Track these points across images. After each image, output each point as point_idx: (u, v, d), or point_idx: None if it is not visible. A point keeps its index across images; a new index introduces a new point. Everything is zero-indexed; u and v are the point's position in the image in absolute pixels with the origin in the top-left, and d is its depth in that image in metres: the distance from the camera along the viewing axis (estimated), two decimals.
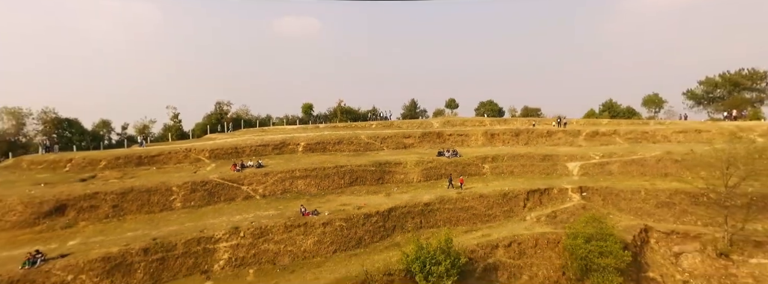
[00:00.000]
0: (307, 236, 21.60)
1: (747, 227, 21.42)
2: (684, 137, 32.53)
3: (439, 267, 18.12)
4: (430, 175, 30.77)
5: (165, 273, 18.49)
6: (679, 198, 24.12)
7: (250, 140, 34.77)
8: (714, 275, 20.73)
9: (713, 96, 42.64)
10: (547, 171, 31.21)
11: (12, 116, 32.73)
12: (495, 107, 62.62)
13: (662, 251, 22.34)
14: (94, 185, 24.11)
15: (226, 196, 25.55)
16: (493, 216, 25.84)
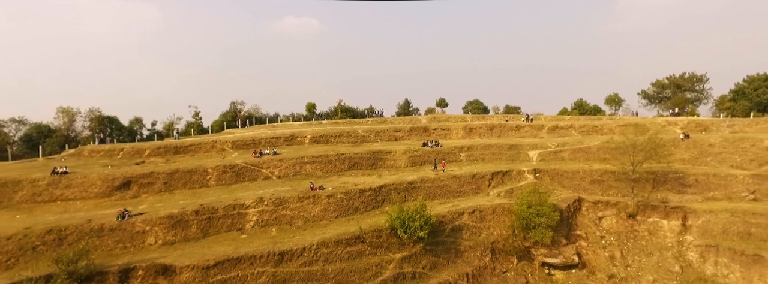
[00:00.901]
0: (315, 205, 27.92)
1: (650, 196, 27.87)
2: (625, 130, 38.94)
3: (414, 223, 24.45)
4: (415, 162, 37.17)
5: (211, 228, 24.81)
6: (607, 177, 30.56)
7: (264, 134, 41.20)
8: (623, 231, 27.20)
9: (662, 95, 49.18)
10: (512, 157, 37.64)
11: (66, 114, 39.00)
12: (480, 105, 69.35)
13: (589, 215, 28.78)
14: (147, 167, 30.48)
15: (250, 177, 31.93)
16: (463, 192, 32.22)
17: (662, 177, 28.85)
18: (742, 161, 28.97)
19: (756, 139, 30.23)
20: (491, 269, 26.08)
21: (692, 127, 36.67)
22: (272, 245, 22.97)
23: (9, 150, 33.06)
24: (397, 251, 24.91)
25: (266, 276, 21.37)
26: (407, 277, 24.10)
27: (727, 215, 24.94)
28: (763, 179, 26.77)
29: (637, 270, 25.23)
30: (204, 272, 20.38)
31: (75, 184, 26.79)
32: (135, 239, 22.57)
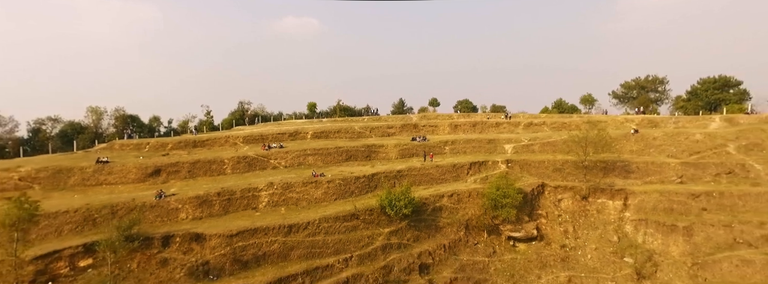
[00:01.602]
0: (317, 189, 32.87)
1: (600, 181, 32.96)
2: (589, 126, 44.03)
3: (400, 202, 29.43)
4: (405, 154, 42.14)
5: (231, 207, 29.73)
6: (567, 166, 35.58)
7: (271, 130, 46.15)
8: (576, 210, 32.29)
9: (629, 95, 54.31)
10: (489, 150, 42.63)
11: (94, 113, 43.87)
12: (469, 104, 74.26)
13: (550, 198, 33.83)
14: (173, 158, 35.40)
15: (260, 166, 36.88)
16: (445, 179, 37.20)
17: (612, 165, 33.94)
18: (676, 151, 34.07)
19: (690, 133, 35.37)
20: (465, 241, 31.12)
21: (645, 123, 41.81)
22: (282, 220, 27.94)
23: (49, 145, 37.87)
24: (386, 226, 29.90)
25: (278, 244, 26.35)
26: (394, 247, 29.11)
27: (657, 195, 30.05)
28: (689, 166, 31.88)
29: (584, 240, 30.34)
30: (228, 239, 25.34)
31: (115, 171, 31.74)
32: (170, 214, 27.52)
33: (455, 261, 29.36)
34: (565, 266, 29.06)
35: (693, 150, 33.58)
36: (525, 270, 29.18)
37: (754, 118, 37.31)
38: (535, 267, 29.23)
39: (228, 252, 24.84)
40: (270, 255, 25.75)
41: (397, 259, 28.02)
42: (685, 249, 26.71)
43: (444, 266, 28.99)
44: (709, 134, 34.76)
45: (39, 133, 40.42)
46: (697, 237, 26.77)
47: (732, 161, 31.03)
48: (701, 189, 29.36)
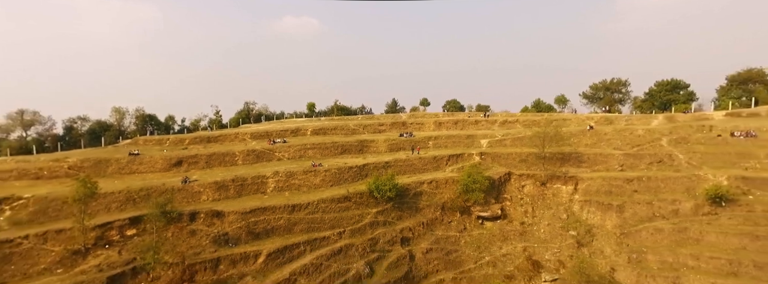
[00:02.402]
0: (315, 177, 38.50)
1: (557, 170, 38.73)
2: (556, 123, 49.85)
3: (385, 187, 35.12)
4: (393, 148, 47.79)
5: (243, 191, 35.33)
6: (531, 157, 41.28)
7: (275, 127, 51.78)
8: (536, 194, 38.05)
9: (597, 96, 60.12)
10: (467, 144, 48.32)
11: (117, 113, 49.39)
12: (457, 104, 79.93)
13: (515, 184, 39.57)
14: (191, 151, 41.02)
15: (266, 158, 42.52)
16: (426, 169, 42.87)
17: (568, 156, 39.72)
18: (621, 144, 39.84)
19: (635, 129, 41.18)
20: (440, 220, 36.84)
21: (602, 121, 47.63)
22: (286, 201, 33.57)
23: (82, 141, 43.38)
24: (373, 207, 35.56)
25: (283, 220, 32.01)
26: (380, 224, 34.78)
27: (601, 180, 35.83)
28: (630, 156, 37.66)
29: (540, 218, 36.11)
30: (243, 215, 30.97)
31: (145, 162, 37.36)
32: (194, 196, 33.14)
33: (431, 236, 35.11)
34: (522, 239, 34.86)
35: (634, 144, 39.39)
36: (489, 242, 34.96)
37: (688, 117, 43.16)
38: (498, 240, 35.01)
39: (243, 226, 30.47)
40: (277, 228, 31.40)
41: (382, 233, 33.73)
42: (616, 222, 32.50)
43: (422, 239, 34.73)
44: (649, 130, 40.59)
45: (72, 130, 45.91)
46: (626, 213, 32.57)
47: (663, 152, 36.85)
48: (635, 175, 35.16)
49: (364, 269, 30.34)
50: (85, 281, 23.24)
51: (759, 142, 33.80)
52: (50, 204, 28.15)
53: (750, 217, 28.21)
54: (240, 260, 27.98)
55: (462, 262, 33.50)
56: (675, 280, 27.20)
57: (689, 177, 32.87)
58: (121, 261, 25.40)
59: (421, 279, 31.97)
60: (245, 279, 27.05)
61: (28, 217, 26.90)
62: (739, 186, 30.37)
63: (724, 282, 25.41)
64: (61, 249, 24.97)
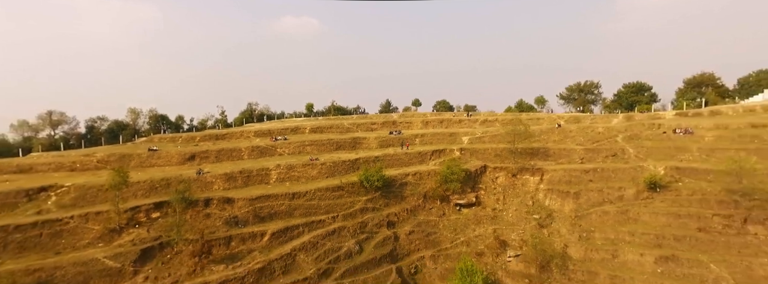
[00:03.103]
0: (313, 169, 43.47)
1: (527, 163, 43.81)
2: (531, 122, 55.03)
3: (373, 177, 40.12)
4: (383, 144, 52.79)
5: (250, 181, 40.25)
6: (504, 152, 46.34)
7: (276, 126, 56.70)
8: (507, 184, 43.14)
9: (572, 97, 65.30)
10: (450, 141, 53.33)
11: (133, 113, 54.21)
12: (446, 104, 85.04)
13: (489, 176, 44.63)
14: (202, 147, 45.92)
15: (269, 153, 47.45)
16: (412, 163, 47.86)
17: (537, 151, 44.82)
18: (583, 141, 44.97)
19: (596, 127, 46.31)
20: (422, 207, 41.87)
21: (571, 120, 52.77)
22: (287, 190, 38.52)
23: (102, 139, 48.24)
24: (363, 195, 40.51)
25: (285, 206, 36.95)
26: (369, 210, 39.76)
27: (563, 172, 40.94)
28: (589, 151, 42.77)
29: (509, 205, 41.21)
30: (250, 201, 35.88)
31: (163, 157, 42.29)
32: (207, 185, 38.06)
33: (414, 220, 40.16)
34: (493, 222, 39.95)
35: (594, 140, 44.52)
36: (464, 225, 40.04)
37: (644, 116, 48.32)
38: (472, 224, 40.10)
39: (250, 210, 35.40)
40: (279, 213, 36.36)
41: (371, 218, 38.74)
42: (572, 207, 37.60)
43: (406, 223, 39.77)
44: (609, 128, 45.73)
45: (93, 129, 50.71)
46: (581, 199, 37.67)
47: (617, 147, 41.97)
48: (592, 167, 40.27)
49: (354, 247, 35.35)
50: (122, 252, 28.19)
51: (694, 138, 38.98)
52: (88, 191, 33.07)
53: (677, 200, 33.37)
54: (248, 238, 32.91)
55: (440, 242, 38.58)
56: (613, 252, 32.36)
57: (635, 168, 38.02)
58: (149, 238, 30.33)
59: (404, 257, 37.03)
60: (253, 254, 32.00)
61: (71, 202, 31.83)
62: (672, 175, 35.53)
63: (649, 252, 30.59)
64: (101, 228, 29.89)
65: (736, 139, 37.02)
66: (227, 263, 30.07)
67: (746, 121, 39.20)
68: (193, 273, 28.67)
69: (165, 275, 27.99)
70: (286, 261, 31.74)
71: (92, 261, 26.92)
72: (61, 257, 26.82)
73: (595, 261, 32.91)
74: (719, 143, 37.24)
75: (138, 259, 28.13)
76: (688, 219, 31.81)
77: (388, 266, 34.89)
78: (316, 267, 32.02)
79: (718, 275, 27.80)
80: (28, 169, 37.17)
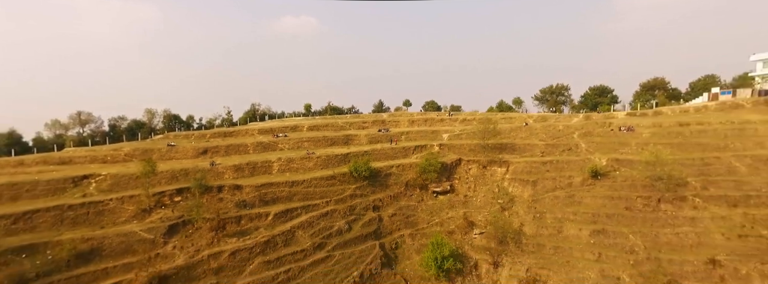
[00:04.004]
0: (309, 162, 49.82)
1: (496, 156, 50.18)
2: (504, 121, 61.46)
3: (362, 168, 46.51)
4: (372, 141, 59.15)
5: (255, 172, 46.59)
6: (477, 147, 52.74)
7: (277, 125, 63.01)
8: (478, 175, 49.58)
9: (545, 98, 71.74)
10: (432, 138, 59.69)
11: (149, 113, 60.46)
12: (434, 105, 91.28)
13: (464, 167, 51.02)
14: (213, 143, 52.23)
15: (271, 148, 53.82)
16: (396, 156, 54.19)
17: (505, 146, 51.22)
18: (545, 137, 51.41)
19: (558, 125, 52.75)
20: (404, 193, 48.25)
21: (539, 119, 59.19)
22: (287, 179, 44.84)
23: (124, 136, 54.52)
24: (353, 183, 46.84)
25: (285, 192, 43.26)
26: (357, 196, 46.10)
27: (525, 163, 47.36)
28: (549, 146, 49.17)
29: (479, 192, 47.64)
30: (256, 188, 42.21)
31: (179, 151, 48.62)
32: (219, 175, 44.39)
33: (396, 204, 46.58)
34: (463, 206, 46.39)
35: (554, 136, 50.99)
36: (439, 209, 46.48)
37: (600, 116, 54.74)
38: (446, 208, 46.55)
39: (256, 195, 41.74)
40: (281, 197, 42.72)
41: (359, 202, 45.13)
42: (530, 193, 44.03)
43: (389, 207, 46.17)
44: (568, 126, 52.18)
45: (115, 127, 56.91)
46: (538, 186, 44.12)
47: (572, 142, 48.42)
48: (549, 159, 46.71)
49: (344, 226, 41.76)
50: (154, 227, 34.55)
51: (634, 134, 45.46)
52: (121, 179, 39.39)
53: (612, 185, 39.86)
54: (255, 218, 39.28)
55: (418, 223, 45.03)
56: (559, 229, 38.86)
57: (584, 160, 44.48)
58: (174, 216, 36.68)
59: (386, 235, 43.47)
60: (259, 230, 38.38)
61: (108, 187, 38.16)
62: (612, 165, 42.01)
63: (586, 227, 37.11)
64: (134, 208, 36.23)
65: (665, 135, 43.51)
66: (238, 237, 36.44)
67: (677, 120, 45.69)
68: (211, 244, 35.06)
69: (189, 245, 34.37)
70: (287, 236, 38.15)
71: (131, 233, 33.30)
72: (105, 230, 33.19)
73: (543, 236, 39.43)
74: (653, 138, 43.72)
75: (166, 232, 34.50)
76: (618, 200, 38.32)
77: (372, 242, 41.33)
78: (312, 242, 38.43)
79: (634, 242, 34.34)
80: (68, 161, 43.47)
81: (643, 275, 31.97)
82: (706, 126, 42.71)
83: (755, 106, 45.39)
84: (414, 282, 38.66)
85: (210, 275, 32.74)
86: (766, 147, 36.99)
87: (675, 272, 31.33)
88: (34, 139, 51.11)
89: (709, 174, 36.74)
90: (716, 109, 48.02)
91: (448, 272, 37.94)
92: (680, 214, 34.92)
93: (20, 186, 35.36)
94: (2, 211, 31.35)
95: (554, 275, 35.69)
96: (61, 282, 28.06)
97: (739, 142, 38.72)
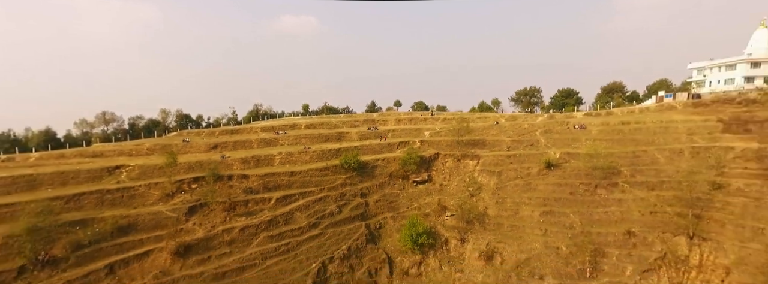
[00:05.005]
0: (306, 155, 56.70)
1: (469, 151, 57.17)
2: (480, 120, 68.47)
3: (351, 160, 53.42)
4: (362, 138, 66.05)
5: (259, 164, 53.43)
6: (452, 142, 59.78)
7: (278, 123, 69.92)
8: (453, 166, 56.60)
9: (519, 100, 78.78)
10: (414, 135, 66.61)
11: (163, 113, 67.21)
12: (423, 105, 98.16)
13: (441, 160, 57.98)
14: (221, 139, 59.11)
15: (273, 144, 60.72)
16: (382, 151, 61.09)
17: (477, 142, 58.19)
18: (512, 134, 58.44)
19: (523, 124, 59.80)
20: (388, 183, 55.19)
21: (510, 118, 66.26)
22: (287, 169, 51.73)
23: (142, 133, 61.41)
24: (343, 174, 53.72)
25: (285, 180, 50.18)
26: (347, 184, 53.01)
27: (493, 157, 54.40)
28: (515, 142, 56.16)
29: (453, 182, 54.66)
30: (261, 177, 49.08)
31: (193, 146, 55.50)
32: (229, 166, 51.27)
33: (381, 192, 53.56)
34: (439, 193, 53.42)
35: (520, 133, 58.07)
36: (418, 196, 53.50)
37: (562, 116, 61.81)
38: (424, 195, 53.59)
39: (261, 183, 48.63)
40: (281, 185, 49.62)
41: (348, 190, 52.07)
42: (495, 182, 51.08)
43: (375, 194, 53.15)
44: (533, 124, 59.24)
45: (134, 126, 63.71)
46: (502, 176, 51.16)
47: (534, 139, 55.48)
48: (514, 153, 53.77)
49: (335, 209, 48.72)
50: (176, 208, 41.46)
51: (585, 132, 52.56)
52: (146, 169, 46.27)
53: (563, 175, 46.96)
54: (260, 201, 46.18)
55: (399, 207, 52.05)
56: (516, 211, 45.97)
57: (542, 153, 51.55)
58: (192, 200, 43.58)
59: (371, 217, 50.47)
60: (263, 211, 45.33)
61: (137, 176, 45.04)
62: (564, 158, 49.11)
63: (538, 209, 44.23)
64: (160, 193, 43.13)
65: (609, 132, 50.63)
66: (246, 216, 43.42)
67: (621, 120, 52.84)
68: (224, 222, 42.03)
69: (206, 222, 41.35)
70: (287, 217, 45.14)
71: (158, 212, 40.26)
72: (138, 210, 40.12)
73: (503, 217, 46.53)
74: (600, 135, 50.83)
75: (187, 212, 41.43)
76: (565, 186, 45.45)
77: (359, 223, 48.32)
78: (308, 221, 45.41)
79: (573, 220, 41.47)
80: (100, 155, 50.33)
81: (576, 245, 39.08)
82: (641, 124, 49.85)
83: (685, 107, 52.53)
84: (394, 255, 45.71)
85: (224, 246, 39.73)
86: (681, 141, 44.17)
87: (601, 242, 38.49)
88: (65, 136, 57.83)
89: (637, 165, 43.90)
90: (655, 109, 55.18)
91: (422, 246, 44.98)
92: (611, 197, 42.09)
93: (66, 174, 42.25)
94: (57, 193, 38.30)
95: (508, 247, 42.80)
96: (108, 248, 35.03)
97: (662, 137, 45.89)
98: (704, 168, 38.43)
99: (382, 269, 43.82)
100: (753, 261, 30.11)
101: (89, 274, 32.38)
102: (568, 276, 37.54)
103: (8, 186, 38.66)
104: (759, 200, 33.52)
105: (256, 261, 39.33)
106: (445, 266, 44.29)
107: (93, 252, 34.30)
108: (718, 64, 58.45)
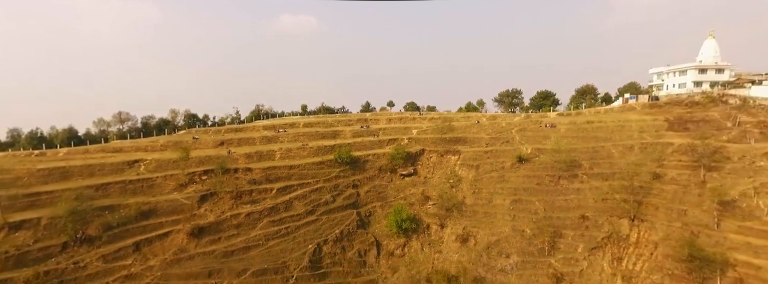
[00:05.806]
0: (304, 151, 62.13)
1: (452, 147, 62.66)
2: (464, 119, 73.99)
3: (344, 156, 58.88)
4: (355, 135, 71.45)
5: (262, 159, 58.83)
6: (437, 139, 65.29)
7: (278, 122, 75.36)
8: (437, 161, 62.06)
9: (503, 101, 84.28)
10: (403, 133, 72.07)
11: (173, 112, 72.51)
12: (414, 105, 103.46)
13: (426, 156, 63.45)
14: (227, 136, 64.54)
15: (274, 141, 66.16)
16: (373, 147, 66.50)
17: (459, 139, 63.71)
18: (491, 132, 63.96)
19: (502, 123, 65.32)
20: (378, 175, 60.70)
21: (490, 118, 71.82)
22: (287, 163, 57.21)
23: (154, 132, 66.78)
24: (337, 168, 59.21)
25: (285, 173, 55.63)
26: (340, 177, 58.50)
27: (472, 152, 59.94)
28: (493, 139, 61.68)
29: (436, 175, 60.18)
30: (263, 170, 54.57)
31: (202, 142, 60.94)
32: (234, 160, 56.67)
33: (371, 184, 59.08)
34: (423, 185, 58.96)
35: (497, 131, 63.62)
36: (404, 187, 59.04)
37: (537, 115, 67.32)
38: (409, 186, 59.14)
39: (263, 175, 54.09)
40: (281, 177, 55.10)
41: (342, 181, 57.59)
42: (473, 174, 56.62)
43: (365, 185, 58.68)
44: (510, 123, 64.76)
45: (146, 124, 69.03)
46: (480, 169, 56.71)
47: (510, 136, 61.00)
48: (491, 149, 59.28)
49: (330, 198, 54.24)
50: (190, 196, 46.95)
51: (555, 130, 58.13)
52: (162, 163, 51.70)
53: (532, 168, 52.54)
54: (263, 191, 51.69)
55: (387, 197, 57.61)
56: (490, 200, 51.54)
57: (515, 149, 57.10)
58: (203, 189, 49.06)
59: (362, 206, 56.01)
60: (266, 200, 50.82)
61: (154, 168, 50.47)
62: (534, 153, 54.67)
63: (509, 198, 49.80)
64: (174, 183, 48.59)
65: (575, 130, 56.21)
66: (251, 204, 48.95)
67: (587, 119, 58.41)
68: (231, 208, 47.54)
69: (216, 209, 46.86)
70: (287, 205, 50.66)
71: (175, 199, 45.76)
72: (157, 197, 45.61)
73: (478, 205, 52.11)
74: (567, 133, 56.41)
75: (199, 200, 46.95)
76: (533, 178, 51.04)
77: (351, 210, 53.85)
78: (305, 209, 50.94)
79: (538, 207, 47.08)
80: (119, 150, 55.73)
81: (539, 228, 44.65)
82: (603, 123, 55.45)
83: (643, 108, 58.10)
84: (381, 239, 51.28)
85: (232, 228, 45.26)
86: (633, 138, 49.76)
87: (559, 225, 44.11)
88: (85, 134, 63.15)
89: (596, 158, 49.50)
90: (618, 110, 60.79)
91: (406, 231, 50.55)
92: (571, 187, 47.70)
93: (93, 167, 47.68)
94: (87, 183, 43.77)
95: (481, 231, 48.39)
96: (133, 229, 40.53)
97: (618, 134, 51.50)
98: (649, 161, 44.04)
99: (371, 250, 49.37)
100: (675, 237, 35.66)
101: (119, 250, 37.89)
102: (530, 254, 43.13)
103: (46, 177, 44.11)
104: (686, 187, 39.13)
105: (260, 242, 44.85)
106: (426, 248, 49.88)
107: (121, 232, 39.78)
108: (674, 70, 64.11)
